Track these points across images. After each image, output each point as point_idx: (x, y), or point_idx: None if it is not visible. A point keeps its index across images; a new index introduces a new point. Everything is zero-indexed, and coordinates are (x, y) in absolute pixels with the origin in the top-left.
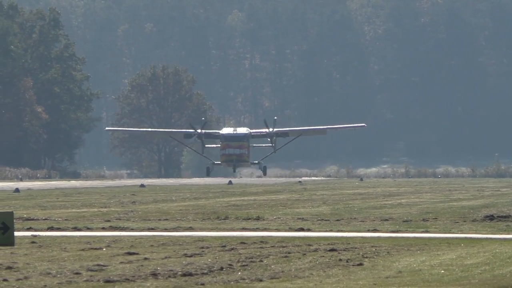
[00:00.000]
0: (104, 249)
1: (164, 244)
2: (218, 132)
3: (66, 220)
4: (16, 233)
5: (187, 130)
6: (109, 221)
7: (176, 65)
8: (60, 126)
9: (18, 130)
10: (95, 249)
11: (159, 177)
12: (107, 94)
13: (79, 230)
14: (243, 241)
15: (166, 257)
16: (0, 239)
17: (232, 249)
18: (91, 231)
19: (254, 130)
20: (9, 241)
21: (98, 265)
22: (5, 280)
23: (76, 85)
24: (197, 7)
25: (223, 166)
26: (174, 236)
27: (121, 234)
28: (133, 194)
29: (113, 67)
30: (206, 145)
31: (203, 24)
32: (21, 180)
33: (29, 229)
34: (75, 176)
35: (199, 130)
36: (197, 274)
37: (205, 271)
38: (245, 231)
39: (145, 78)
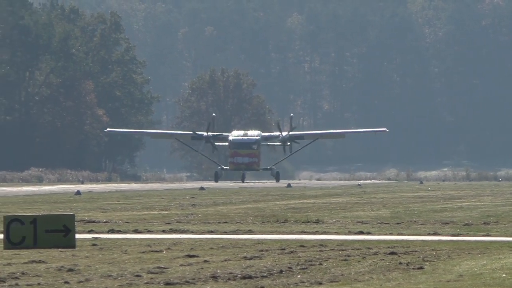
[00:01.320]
0: (164, 252)
1: (223, 247)
2: (227, 136)
3: (126, 222)
4: (77, 236)
5: (193, 133)
6: (169, 223)
7: (236, 68)
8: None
9: (79, 133)
10: (156, 251)
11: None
12: (167, 97)
13: (140, 232)
14: (302, 244)
15: (225, 260)
16: (61, 241)
17: (291, 252)
18: (152, 233)
19: (266, 134)
20: (71, 244)
21: (158, 267)
22: (66, 282)
23: (136, 88)
24: (257, 10)
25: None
26: (234, 239)
27: (181, 237)
28: (193, 197)
29: (173, 70)
30: (216, 143)
31: (263, 27)
32: (82, 182)
33: (90, 231)
34: (136, 178)
35: (205, 134)
36: (256, 277)
37: (265, 274)
38: (304, 234)
39: (205, 81)
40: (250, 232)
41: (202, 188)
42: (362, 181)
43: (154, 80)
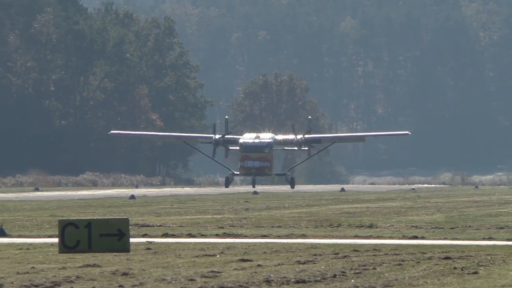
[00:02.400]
0: (218, 256)
1: (277, 251)
2: (238, 139)
3: (180, 226)
4: (131, 240)
5: (203, 135)
6: (222, 227)
7: (289, 72)
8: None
9: (133, 137)
10: (209, 255)
11: (271, 184)
12: (221, 102)
13: (193, 236)
14: (356, 249)
15: (279, 264)
16: (116, 245)
17: (345, 256)
18: (205, 237)
19: (280, 137)
20: (125, 248)
21: (212, 271)
22: (121, 286)
23: (190, 93)
24: (310, 15)
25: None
26: (287, 243)
27: (235, 241)
28: (246, 201)
29: (226, 75)
30: (230, 147)
31: (316, 31)
32: (136, 187)
33: (144, 235)
34: (189, 183)
35: (216, 136)
36: (310, 281)
37: (318, 278)
38: (358, 239)
39: (258, 85)
40: (303, 236)
41: (255, 192)
42: (416, 185)
43: (207, 85)
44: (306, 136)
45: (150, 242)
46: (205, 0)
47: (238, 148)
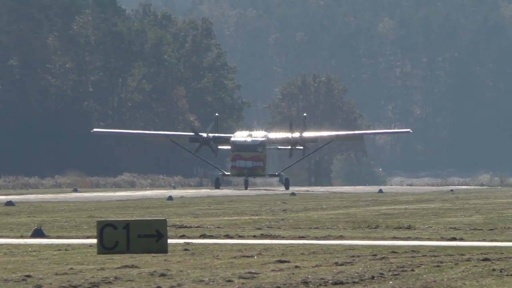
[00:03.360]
0: (255, 257)
1: (314, 253)
2: (230, 137)
3: (218, 227)
4: (169, 241)
5: (192, 134)
6: (260, 229)
7: (327, 73)
8: None
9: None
10: (247, 256)
11: (309, 185)
12: (258, 103)
13: (231, 237)
14: (394, 250)
15: (316, 265)
16: (153, 246)
17: (383, 258)
18: (243, 239)
19: (273, 135)
20: (163, 249)
21: (249, 272)
22: (159, 287)
23: (227, 94)
24: (348, 15)
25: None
26: (325, 245)
27: (272, 242)
28: (283, 202)
29: (263, 76)
30: (219, 147)
31: (354, 32)
32: (174, 188)
33: (182, 236)
34: (226, 184)
35: (204, 135)
36: (348, 283)
37: (356, 280)
38: (396, 240)
39: (296, 86)
40: (341, 237)
41: (293, 194)
42: (454, 186)
43: (245, 86)
44: (300, 135)
45: (188, 243)
46: (242, 2)
47: (229, 147)
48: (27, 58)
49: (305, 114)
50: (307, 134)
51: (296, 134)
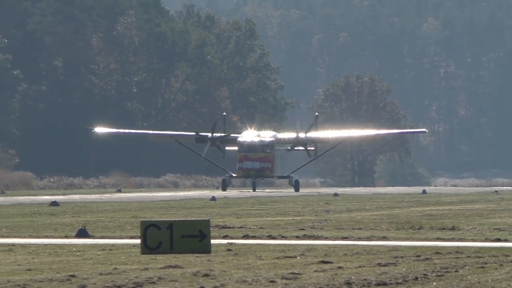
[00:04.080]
0: (298, 258)
1: (357, 253)
2: (236, 138)
3: (261, 228)
4: (212, 241)
5: (196, 133)
6: (303, 229)
7: (371, 74)
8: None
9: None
10: (290, 257)
11: (352, 186)
12: (301, 103)
13: (274, 238)
14: (437, 251)
15: (360, 266)
16: (197, 246)
17: (426, 259)
18: (286, 239)
19: (282, 135)
20: (206, 249)
21: (292, 273)
22: (202, 287)
23: (270, 95)
24: (392, 16)
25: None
26: (368, 245)
27: (315, 243)
28: (326, 203)
29: (307, 77)
30: (227, 148)
31: (398, 33)
32: (217, 188)
33: (225, 237)
34: (270, 184)
35: (209, 135)
36: (391, 284)
37: (400, 281)
38: (440, 241)
39: (339, 87)
40: (384, 238)
41: (336, 194)
42: (499, 187)
43: (288, 86)
44: (308, 134)
45: (231, 244)
46: (286, 2)
47: (236, 148)
48: (71, 59)
49: (316, 114)
50: (316, 134)
51: (303, 134)
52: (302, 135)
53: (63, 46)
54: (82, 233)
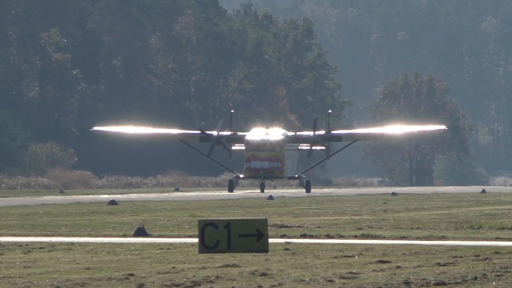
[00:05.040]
0: (356, 257)
1: (416, 253)
2: (244, 136)
3: (318, 227)
4: (270, 240)
5: (202, 132)
6: (360, 229)
7: (429, 73)
8: None
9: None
10: (348, 256)
11: (410, 185)
12: (359, 102)
13: (331, 237)
14: (497, 251)
15: (418, 266)
16: (254, 245)
17: (486, 258)
18: (343, 238)
19: (292, 133)
20: (264, 248)
21: (350, 272)
22: (259, 286)
23: (328, 94)
24: (450, 14)
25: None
26: (427, 245)
27: (373, 242)
28: (384, 202)
29: (364, 76)
30: (234, 147)
31: (456, 31)
32: (274, 187)
33: (282, 236)
34: (327, 183)
35: (215, 133)
36: (450, 283)
37: (459, 281)
38: (500, 241)
39: (397, 86)
40: (443, 238)
41: (394, 194)
42: None
43: (345, 85)
44: (323, 132)
45: (289, 243)
46: (344, 1)
47: (243, 147)
48: (129, 59)
49: (330, 111)
50: (330, 132)
51: (318, 133)
52: (317, 132)
53: (122, 45)
54: (141, 232)
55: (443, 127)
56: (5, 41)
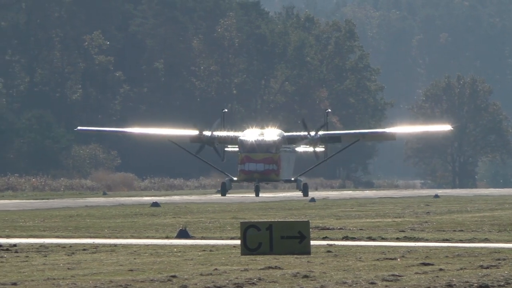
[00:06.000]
0: (398, 260)
1: (459, 255)
2: (237, 137)
3: (360, 229)
4: (312, 242)
5: (194, 133)
6: (403, 231)
7: (472, 74)
8: None
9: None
10: (390, 259)
11: (453, 187)
12: (401, 104)
13: (373, 240)
14: None
15: (461, 268)
16: (296, 247)
17: None
18: (386, 241)
19: (289, 134)
20: (306, 250)
21: (393, 275)
22: None
23: (370, 95)
24: (493, 16)
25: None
26: (469, 248)
27: (416, 245)
28: (427, 205)
29: (406, 77)
30: (227, 148)
31: (499, 33)
32: (316, 189)
33: (324, 238)
34: (369, 186)
35: (207, 133)
36: (493, 286)
37: (502, 283)
38: None
39: (440, 88)
40: (486, 240)
41: (436, 196)
42: None
43: (387, 87)
44: (321, 132)
45: (331, 245)
46: (386, 3)
47: (236, 148)
48: (172, 61)
49: (328, 110)
50: (328, 132)
51: (314, 133)
52: (313, 133)
53: (164, 48)
54: (183, 234)
55: (448, 127)
56: (49, 43)
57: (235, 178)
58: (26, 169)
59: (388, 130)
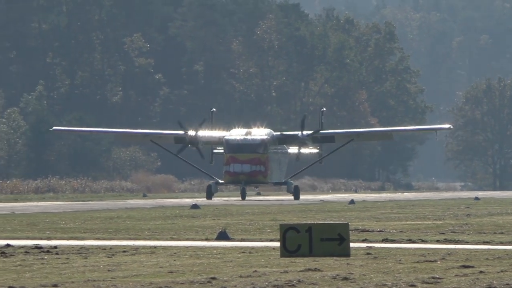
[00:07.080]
0: (438, 262)
1: (499, 258)
2: (222, 137)
3: (400, 232)
4: (351, 244)
5: (175, 132)
6: (443, 233)
7: None
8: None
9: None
10: (430, 261)
11: (493, 189)
12: (441, 107)
13: (413, 242)
14: None
15: (502, 271)
16: (336, 250)
17: None
18: (426, 243)
19: (279, 133)
20: (345, 252)
21: (433, 277)
22: None
23: (410, 98)
24: None
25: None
26: (510, 250)
27: (456, 247)
28: (467, 207)
29: (447, 79)
30: (216, 150)
31: None
32: (355, 191)
33: (364, 240)
34: (408, 188)
35: (191, 133)
36: None
37: None
38: None
39: (480, 90)
40: None
41: (477, 198)
42: None
43: (427, 89)
44: (311, 132)
45: (370, 247)
46: (426, 5)
47: (221, 150)
48: (212, 63)
49: (323, 109)
50: (321, 132)
51: (307, 132)
52: (306, 132)
53: (204, 50)
54: (223, 236)
55: (448, 126)
56: (89, 46)
57: (221, 181)
58: (66, 171)
59: (383, 129)
